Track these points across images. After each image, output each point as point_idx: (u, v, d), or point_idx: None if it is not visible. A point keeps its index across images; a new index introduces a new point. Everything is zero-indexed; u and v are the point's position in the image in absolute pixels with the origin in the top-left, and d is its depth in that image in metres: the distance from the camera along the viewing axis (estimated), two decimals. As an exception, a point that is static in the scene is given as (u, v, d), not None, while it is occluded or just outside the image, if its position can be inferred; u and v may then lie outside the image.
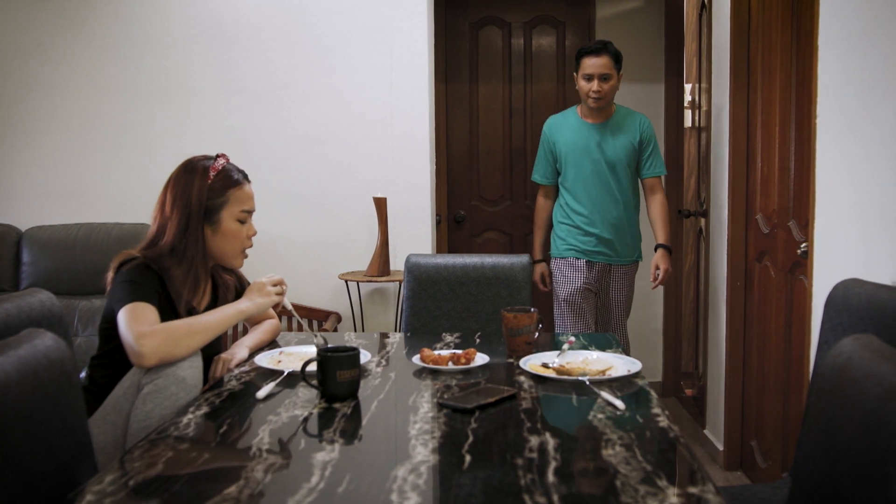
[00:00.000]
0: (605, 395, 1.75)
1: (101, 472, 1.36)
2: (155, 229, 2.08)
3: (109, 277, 2.03)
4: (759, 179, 3.18)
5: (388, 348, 2.37)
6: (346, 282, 3.75)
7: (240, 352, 2.14)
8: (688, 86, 4.46)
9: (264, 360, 2.07)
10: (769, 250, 3.08)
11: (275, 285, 2.13)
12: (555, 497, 1.23)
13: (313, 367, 1.80)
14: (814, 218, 2.43)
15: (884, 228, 2.04)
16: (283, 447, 1.50)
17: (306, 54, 3.84)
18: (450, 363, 2.02)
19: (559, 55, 4.62)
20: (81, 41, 3.85)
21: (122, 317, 1.89)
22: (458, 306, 2.81)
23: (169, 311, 2.00)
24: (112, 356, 1.98)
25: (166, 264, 2.03)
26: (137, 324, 1.86)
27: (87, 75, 3.86)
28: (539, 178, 3.59)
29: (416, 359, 2.08)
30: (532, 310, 2.18)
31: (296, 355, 2.11)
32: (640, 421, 1.62)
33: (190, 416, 1.66)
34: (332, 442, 1.53)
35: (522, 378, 1.95)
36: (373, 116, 3.83)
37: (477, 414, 1.65)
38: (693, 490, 1.27)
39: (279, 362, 2.06)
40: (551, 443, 1.48)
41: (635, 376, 1.95)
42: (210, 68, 3.85)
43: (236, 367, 2.07)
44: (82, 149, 3.89)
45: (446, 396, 1.77)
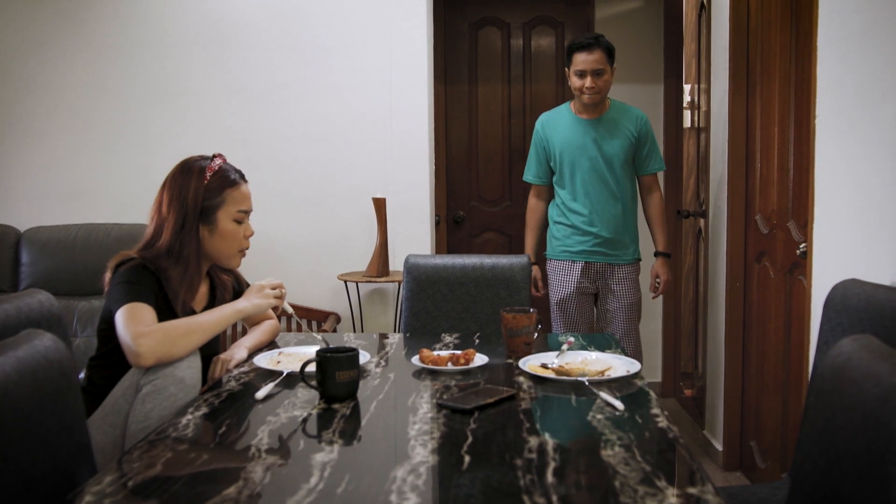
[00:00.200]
0: (605, 395, 1.75)
1: (99, 472, 1.36)
2: (152, 230, 2.08)
3: (107, 278, 2.03)
4: (759, 180, 3.18)
5: (388, 349, 2.37)
6: (346, 282, 3.75)
7: (239, 352, 2.14)
8: (687, 86, 4.47)
9: (263, 360, 2.07)
10: (768, 251, 3.08)
11: (273, 289, 2.13)
12: (554, 498, 1.23)
13: (312, 368, 1.80)
14: (813, 218, 2.43)
15: (883, 229, 2.04)
16: (282, 445, 1.50)
17: (305, 54, 3.84)
18: (449, 364, 2.02)
19: (558, 56, 4.62)
20: (80, 42, 3.85)
21: (120, 317, 1.89)
22: (458, 307, 2.81)
23: (166, 311, 2.00)
24: (110, 357, 1.98)
25: (163, 265, 2.03)
26: (135, 324, 1.86)
27: (86, 76, 3.86)
28: (532, 177, 3.44)
29: (415, 359, 2.08)
30: (531, 310, 2.18)
31: (295, 356, 2.10)
32: (640, 421, 1.62)
33: (189, 417, 1.66)
34: (331, 443, 1.53)
35: (521, 379, 1.95)
36: (372, 117, 3.83)
37: (476, 414, 1.65)
38: (692, 491, 1.27)
39: (278, 363, 2.06)
40: (550, 443, 1.48)
41: (634, 377, 1.94)
42: (209, 69, 3.85)
43: (235, 367, 2.07)
44: (81, 149, 3.89)
45: (445, 397, 1.77)
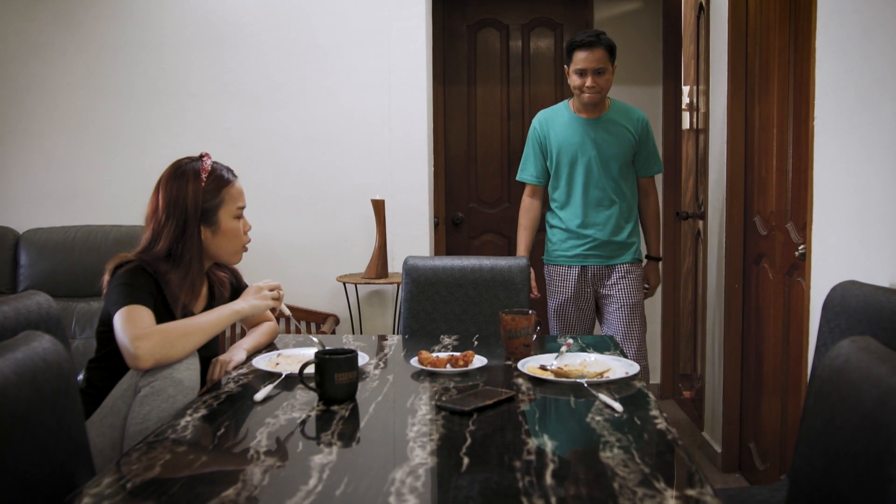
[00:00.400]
0: (603, 397, 1.75)
1: (98, 474, 1.36)
2: (149, 235, 2.07)
3: (105, 280, 2.03)
4: (757, 181, 3.18)
5: (386, 350, 2.37)
6: (345, 284, 3.75)
7: (237, 354, 2.14)
8: (686, 88, 4.47)
9: (262, 362, 2.07)
10: (767, 252, 3.08)
11: (271, 290, 2.13)
12: (553, 499, 1.23)
13: (311, 370, 1.79)
14: (812, 220, 2.43)
15: (881, 230, 2.04)
16: (279, 447, 1.50)
17: (304, 56, 3.84)
18: (448, 365, 2.01)
19: (557, 57, 4.62)
20: (79, 43, 3.85)
21: (118, 320, 1.89)
22: (456, 308, 2.81)
23: (165, 313, 2.00)
24: (109, 359, 1.98)
25: (162, 268, 2.03)
26: (133, 326, 1.86)
27: (84, 77, 3.86)
28: (528, 177, 3.28)
29: (414, 361, 2.08)
30: (530, 312, 2.18)
31: (294, 358, 2.10)
32: (638, 423, 1.62)
33: (187, 419, 1.65)
34: (329, 444, 1.53)
35: (520, 380, 1.95)
36: (371, 118, 3.83)
37: (475, 416, 1.65)
38: (691, 492, 1.27)
39: (277, 365, 2.06)
40: (549, 445, 1.48)
41: (633, 378, 1.94)
42: (208, 70, 3.85)
43: (234, 369, 2.07)
44: (80, 150, 3.89)
45: (444, 399, 1.77)
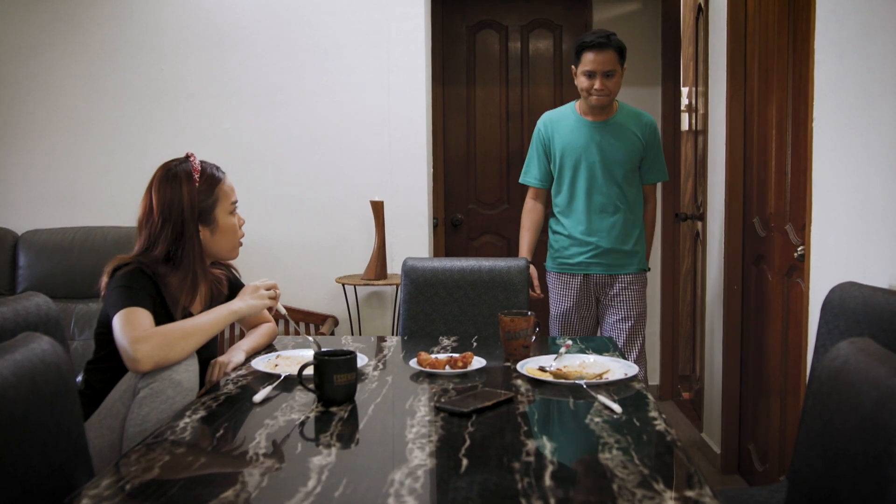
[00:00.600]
0: (602, 398, 1.75)
1: (97, 476, 1.36)
2: (145, 239, 2.06)
3: (104, 282, 2.03)
4: (756, 183, 3.18)
5: (385, 352, 2.37)
6: (343, 285, 3.75)
7: (236, 356, 2.13)
8: (685, 89, 4.47)
9: (261, 363, 2.07)
10: (766, 254, 3.08)
11: (268, 290, 2.13)
12: (552, 501, 1.23)
13: (310, 371, 1.79)
14: (810, 221, 2.43)
15: (880, 231, 2.04)
16: (276, 450, 1.50)
17: (303, 57, 3.84)
18: (447, 367, 2.01)
19: (556, 59, 4.63)
20: (78, 44, 3.85)
21: (117, 322, 1.88)
22: (455, 310, 2.81)
23: (164, 315, 1.99)
24: (108, 361, 1.98)
25: (161, 271, 2.03)
26: (132, 329, 1.86)
27: (83, 78, 3.86)
28: (532, 180, 3.20)
29: (413, 362, 2.07)
30: (529, 313, 2.18)
31: (293, 359, 2.10)
32: (637, 424, 1.62)
33: (186, 420, 1.65)
34: (328, 446, 1.53)
35: (519, 381, 1.95)
36: (370, 119, 3.83)
37: (474, 418, 1.64)
38: (690, 494, 1.27)
39: (276, 366, 2.05)
40: (548, 446, 1.48)
41: (632, 380, 1.94)
42: (207, 71, 3.85)
43: (233, 370, 2.07)
44: (79, 152, 3.88)
45: (443, 400, 1.77)
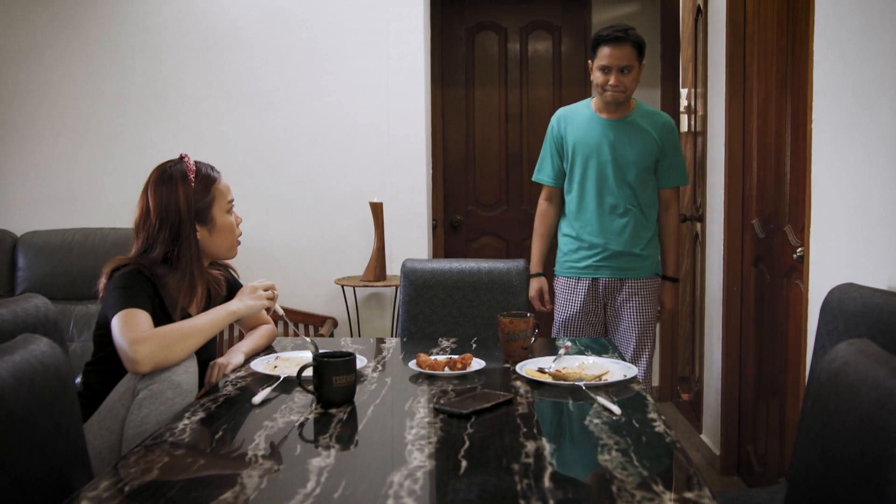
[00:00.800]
0: (602, 399, 1.75)
1: (96, 477, 1.36)
2: (143, 241, 2.06)
3: (102, 284, 2.03)
4: (755, 184, 3.18)
5: (385, 353, 2.36)
6: (343, 287, 3.75)
7: (235, 357, 2.13)
8: (684, 90, 4.47)
9: (260, 365, 2.07)
10: (765, 255, 3.08)
11: (266, 290, 2.13)
12: (551, 502, 1.23)
13: (309, 373, 1.79)
14: (809, 222, 2.43)
15: (879, 232, 2.04)
16: (275, 451, 1.50)
17: (302, 58, 3.84)
18: (446, 368, 2.01)
19: (555, 60, 4.63)
20: (77, 46, 3.85)
21: (116, 323, 1.88)
22: (455, 311, 2.81)
23: (163, 316, 1.99)
24: (107, 362, 1.98)
25: (159, 272, 2.03)
26: (131, 330, 1.85)
27: (82, 80, 3.86)
28: (545, 178, 3.08)
29: (412, 364, 2.07)
30: (528, 315, 2.18)
31: (292, 360, 2.10)
32: (637, 426, 1.62)
33: (186, 422, 1.65)
34: (328, 447, 1.53)
35: (518, 383, 1.95)
36: (369, 121, 3.83)
37: (473, 419, 1.64)
38: (689, 495, 1.27)
39: (275, 367, 2.05)
40: (547, 448, 1.48)
41: (631, 381, 1.94)
42: (206, 73, 3.85)
43: (232, 372, 2.07)
44: (78, 153, 3.88)
45: (442, 401, 1.77)
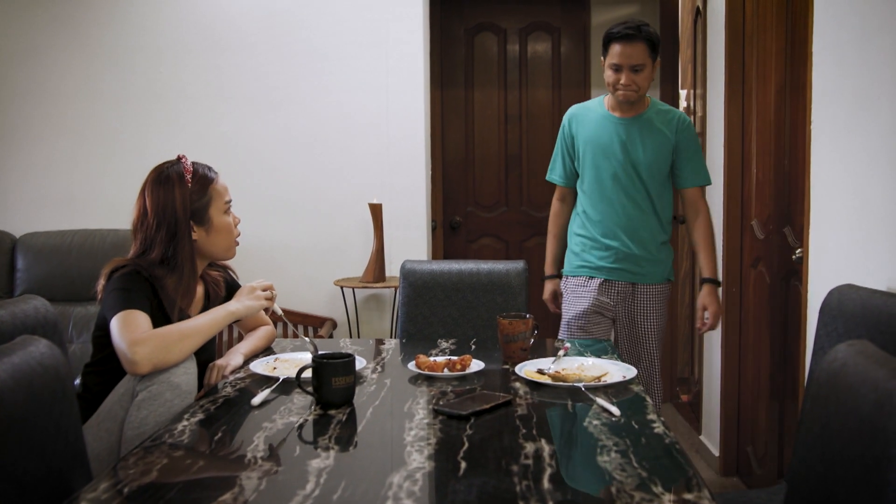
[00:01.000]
0: (601, 401, 1.75)
1: (95, 479, 1.36)
2: (141, 242, 2.06)
3: (101, 285, 2.03)
4: (754, 185, 3.19)
5: (384, 354, 2.36)
6: (342, 288, 3.75)
7: (235, 358, 2.13)
8: (683, 91, 4.47)
9: (259, 366, 2.07)
10: (764, 256, 3.09)
11: (264, 290, 2.13)
12: (550, 503, 1.23)
13: (309, 374, 1.79)
14: (808, 224, 2.43)
15: (878, 234, 2.04)
16: (274, 452, 1.50)
17: (301, 59, 3.84)
18: (445, 369, 2.01)
19: (554, 61, 4.63)
20: (76, 47, 3.85)
21: (115, 325, 1.88)
22: (454, 312, 2.81)
23: (161, 317, 1.99)
24: (106, 364, 1.98)
25: (157, 273, 2.03)
26: (130, 331, 1.85)
27: (81, 81, 3.86)
28: (556, 177, 3.00)
29: (411, 365, 2.07)
30: (527, 316, 2.18)
31: (291, 362, 2.10)
32: (636, 427, 1.62)
33: (185, 423, 1.65)
34: (327, 449, 1.53)
35: (518, 384, 1.95)
36: (368, 121, 3.83)
37: (472, 420, 1.64)
38: (688, 496, 1.27)
39: (274, 369, 2.05)
40: (547, 449, 1.48)
41: (631, 382, 1.94)
42: (205, 74, 3.85)
43: (231, 373, 2.07)
44: (77, 154, 3.89)
45: (442, 403, 1.77)
